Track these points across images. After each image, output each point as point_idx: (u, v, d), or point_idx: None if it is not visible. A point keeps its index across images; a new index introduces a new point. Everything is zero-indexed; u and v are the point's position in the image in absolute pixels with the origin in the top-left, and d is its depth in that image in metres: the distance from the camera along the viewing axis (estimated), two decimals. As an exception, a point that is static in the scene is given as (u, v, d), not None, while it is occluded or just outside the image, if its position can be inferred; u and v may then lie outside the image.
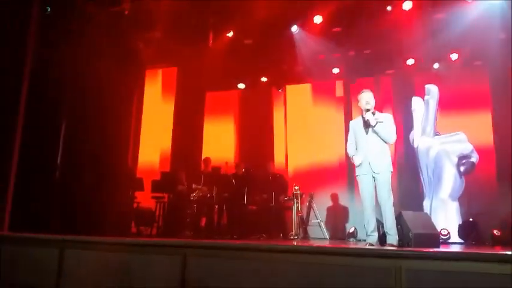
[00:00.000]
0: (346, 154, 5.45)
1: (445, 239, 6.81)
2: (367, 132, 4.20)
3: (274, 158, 8.82)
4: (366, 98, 4.23)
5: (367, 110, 4.20)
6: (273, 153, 9.05)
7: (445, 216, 7.22)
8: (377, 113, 4.24)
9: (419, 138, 7.86)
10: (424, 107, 7.86)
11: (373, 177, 4.11)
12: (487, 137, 7.55)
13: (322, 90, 9.06)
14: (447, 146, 7.50)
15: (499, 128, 7.44)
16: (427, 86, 7.83)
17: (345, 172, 8.25)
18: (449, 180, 7.36)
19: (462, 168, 7.33)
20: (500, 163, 7.30)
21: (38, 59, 5.71)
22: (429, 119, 7.74)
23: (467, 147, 7.36)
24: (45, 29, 5.86)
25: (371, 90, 4.35)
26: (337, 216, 8.14)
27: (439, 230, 6.00)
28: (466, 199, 7.36)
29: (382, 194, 4.07)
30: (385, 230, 4.05)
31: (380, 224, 4.26)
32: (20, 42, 5.58)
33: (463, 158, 7.36)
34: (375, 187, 4.14)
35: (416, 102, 8.02)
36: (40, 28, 5.78)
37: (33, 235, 4.11)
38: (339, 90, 8.91)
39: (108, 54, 6.75)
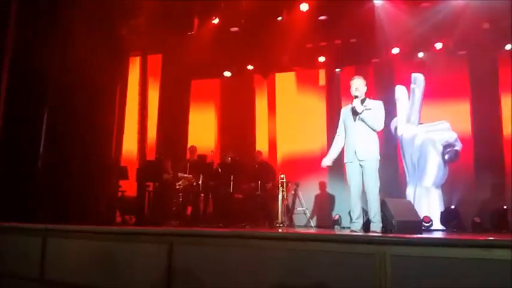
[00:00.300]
0: (328, 142, 5.40)
1: (427, 226, 6.94)
2: (355, 120, 4.21)
3: (261, 147, 8.82)
4: (356, 85, 4.23)
5: (356, 97, 4.21)
6: (259, 142, 9.05)
7: (428, 203, 7.36)
8: (367, 100, 4.23)
9: (404, 127, 7.94)
10: (409, 96, 7.94)
11: (360, 164, 4.13)
12: (467, 126, 7.67)
13: (307, 78, 9.07)
14: (433, 134, 7.61)
15: (477, 117, 7.57)
16: (413, 75, 7.88)
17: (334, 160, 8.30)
18: (434, 168, 7.49)
19: (447, 157, 7.45)
20: (478, 152, 7.45)
21: (19, 47, 5.56)
22: (414, 107, 7.82)
23: (452, 136, 7.48)
24: (27, 15, 5.70)
25: (362, 77, 4.32)
26: (322, 204, 8.23)
27: (421, 218, 6.11)
28: (448, 187, 7.50)
29: (368, 182, 4.09)
30: (369, 217, 4.09)
31: (364, 212, 4.31)
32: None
33: (447, 146, 7.48)
34: (363, 174, 4.16)
35: (400, 90, 8.09)
36: (21, 14, 5.63)
37: (16, 224, 4.05)
38: (324, 79, 8.93)
39: (91, 41, 6.61)
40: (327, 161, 4.43)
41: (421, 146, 7.66)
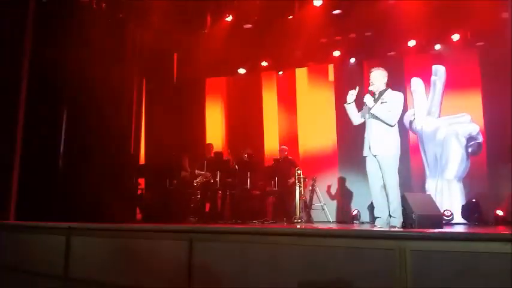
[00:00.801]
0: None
1: (448, 219, 6.85)
2: (369, 115, 4.18)
3: (272, 143, 8.81)
4: (371, 78, 4.20)
5: (370, 91, 4.18)
6: (270, 139, 9.02)
7: (450, 197, 7.29)
8: (388, 91, 4.15)
9: (423, 120, 7.83)
10: (427, 88, 7.82)
11: (377, 159, 4.10)
12: (487, 117, 7.52)
13: (321, 73, 8.98)
14: (456, 127, 7.50)
15: (498, 108, 7.41)
16: (434, 66, 7.77)
17: (343, 155, 8.30)
18: (457, 161, 7.41)
19: (470, 150, 7.36)
20: (499, 144, 7.30)
21: (38, 47, 5.67)
22: (435, 100, 7.72)
23: (475, 128, 7.40)
24: (44, 16, 5.81)
25: (382, 69, 4.23)
26: (341, 199, 8.19)
27: (442, 211, 6.03)
28: (470, 180, 7.39)
29: (385, 177, 4.03)
30: (390, 212, 4.04)
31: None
32: (17, 34, 5.56)
33: (471, 139, 7.39)
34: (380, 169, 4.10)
35: (415, 83, 7.98)
36: (38, 15, 5.74)
37: (41, 223, 4.15)
38: (339, 73, 8.83)
39: (107, 41, 6.71)
40: (350, 96, 4.27)
41: (444, 139, 7.54)
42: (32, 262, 3.94)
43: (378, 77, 4.19)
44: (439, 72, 7.77)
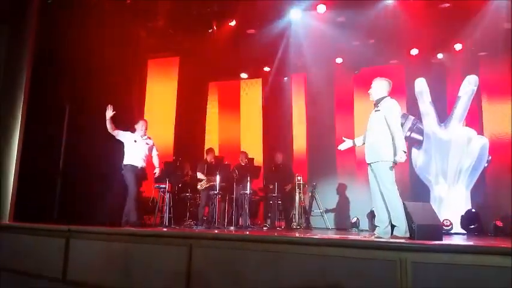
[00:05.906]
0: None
1: (447, 229, 6.84)
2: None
3: (280, 149, 8.81)
4: (371, 88, 4.23)
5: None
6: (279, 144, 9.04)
7: (455, 206, 7.40)
8: (385, 100, 4.11)
9: (436, 126, 7.85)
10: (460, 96, 7.87)
11: (372, 167, 4.09)
12: (493, 128, 7.57)
13: (324, 80, 9.01)
14: (484, 140, 7.60)
15: (506, 118, 7.48)
16: (470, 76, 7.84)
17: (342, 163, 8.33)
18: (477, 171, 7.54)
19: (486, 164, 7.53)
20: (500, 154, 7.35)
21: (40, 50, 5.67)
22: (465, 108, 7.80)
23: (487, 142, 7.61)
24: (47, 19, 5.81)
25: (383, 79, 4.23)
26: (340, 206, 8.17)
27: (441, 221, 6.01)
28: (473, 190, 7.46)
29: (380, 185, 4.01)
30: (391, 222, 4.00)
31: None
32: (21, 33, 5.56)
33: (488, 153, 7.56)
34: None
35: (420, 84, 8.01)
36: (42, 18, 5.74)
37: (40, 225, 4.14)
38: (341, 80, 8.87)
39: (110, 44, 6.72)
40: (344, 145, 4.58)
41: (480, 149, 7.58)
42: (31, 264, 3.92)
43: (373, 87, 4.22)
44: (475, 82, 7.83)
